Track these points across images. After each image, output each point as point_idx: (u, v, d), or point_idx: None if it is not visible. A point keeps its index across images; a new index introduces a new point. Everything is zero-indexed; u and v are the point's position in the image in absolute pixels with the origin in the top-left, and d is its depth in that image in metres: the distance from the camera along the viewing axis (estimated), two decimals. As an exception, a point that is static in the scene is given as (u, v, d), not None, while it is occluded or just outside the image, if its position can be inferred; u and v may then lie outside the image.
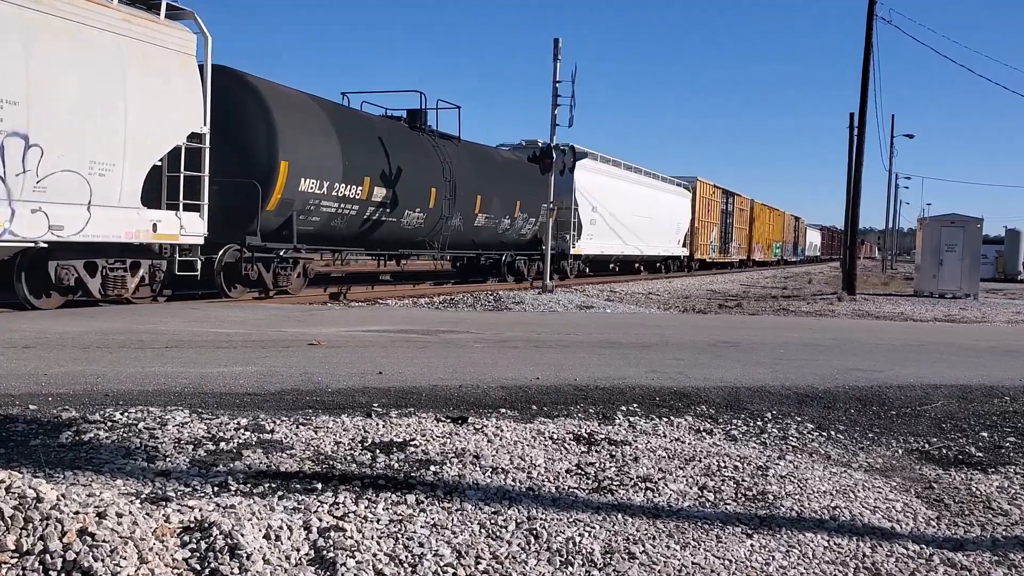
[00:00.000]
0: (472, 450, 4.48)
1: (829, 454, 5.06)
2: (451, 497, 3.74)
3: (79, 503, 2.81)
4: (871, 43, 24.59)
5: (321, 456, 4.29)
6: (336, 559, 2.93)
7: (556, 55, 20.10)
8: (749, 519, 3.71)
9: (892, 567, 3.28)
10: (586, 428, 5.20)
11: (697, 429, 5.45)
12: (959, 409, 6.23)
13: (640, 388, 6.30)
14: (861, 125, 25.72)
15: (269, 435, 4.61)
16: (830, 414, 5.99)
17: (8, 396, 5.22)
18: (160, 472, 3.93)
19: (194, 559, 2.75)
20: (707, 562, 3.20)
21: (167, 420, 4.81)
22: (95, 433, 4.51)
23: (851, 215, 27.75)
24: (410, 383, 6.10)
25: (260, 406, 5.36)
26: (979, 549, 3.53)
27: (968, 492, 4.39)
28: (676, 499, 3.92)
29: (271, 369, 6.48)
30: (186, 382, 5.81)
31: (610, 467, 4.36)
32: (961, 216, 26.52)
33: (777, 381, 6.75)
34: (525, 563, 3.09)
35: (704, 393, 6.25)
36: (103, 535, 2.65)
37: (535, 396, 5.97)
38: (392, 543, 3.15)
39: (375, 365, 6.81)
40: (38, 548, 2.56)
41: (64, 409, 5.02)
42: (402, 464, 4.20)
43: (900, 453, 5.19)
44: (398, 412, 5.37)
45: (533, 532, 3.37)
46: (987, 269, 39.82)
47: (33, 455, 4.12)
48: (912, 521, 3.85)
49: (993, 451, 5.28)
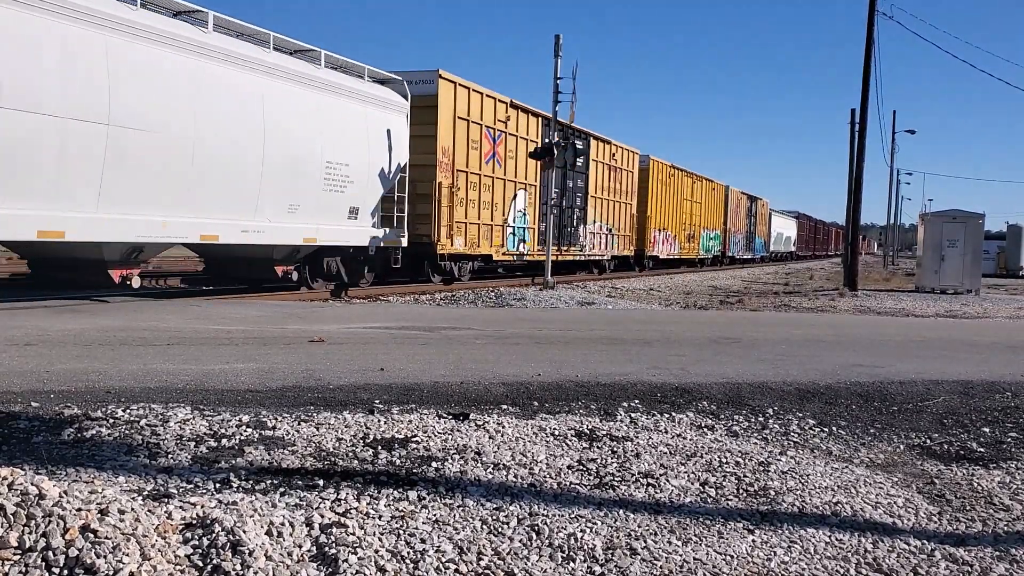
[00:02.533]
0: (474, 446, 4.48)
1: (831, 450, 5.06)
2: (453, 493, 3.74)
3: (81, 500, 2.81)
4: (872, 39, 24.56)
5: (323, 453, 4.29)
6: (338, 555, 2.93)
7: (557, 52, 20.06)
8: (751, 515, 3.71)
9: (894, 562, 3.28)
10: (587, 424, 5.20)
11: (699, 425, 5.45)
12: (961, 405, 6.22)
13: (642, 384, 6.30)
14: (863, 121, 25.72)
15: (271, 432, 4.62)
16: (832, 410, 5.99)
17: (10, 393, 5.22)
18: (162, 469, 3.94)
19: (196, 556, 2.75)
20: (709, 558, 3.20)
21: (169, 417, 4.82)
22: (97, 430, 4.52)
23: (853, 210, 27.72)
24: (412, 379, 6.10)
25: (262, 403, 5.37)
26: (981, 544, 3.53)
27: (970, 487, 4.39)
28: (678, 495, 3.92)
29: (273, 366, 6.48)
30: (188, 379, 5.82)
31: (611, 463, 4.36)
32: (963, 212, 26.48)
33: (779, 377, 6.75)
34: (527, 559, 3.10)
35: (706, 389, 6.25)
36: (105, 532, 2.66)
37: (536, 392, 5.97)
38: (394, 539, 3.15)
39: (376, 362, 6.82)
40: (41, 545, 2.57)
41: (66, 406, 5.03)
42: (404, 460, 4.20)
43: (902, 449, 5.19)
44: (400, 408, 5.37)
45: (535, 528, 3.37)
46: (989, 265, 39.82)
47: (35, 452, 4.12)
48: (914, 516, 3.85)
49: (995, 446, 5.28)
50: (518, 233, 21.88)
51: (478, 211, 19.66)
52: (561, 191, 23.91)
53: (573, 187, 25.18)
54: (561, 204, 24.11)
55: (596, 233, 27.42)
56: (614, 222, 29.05)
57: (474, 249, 19.61)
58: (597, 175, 27.02)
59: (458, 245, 18.89)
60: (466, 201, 19.06)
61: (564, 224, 24.68)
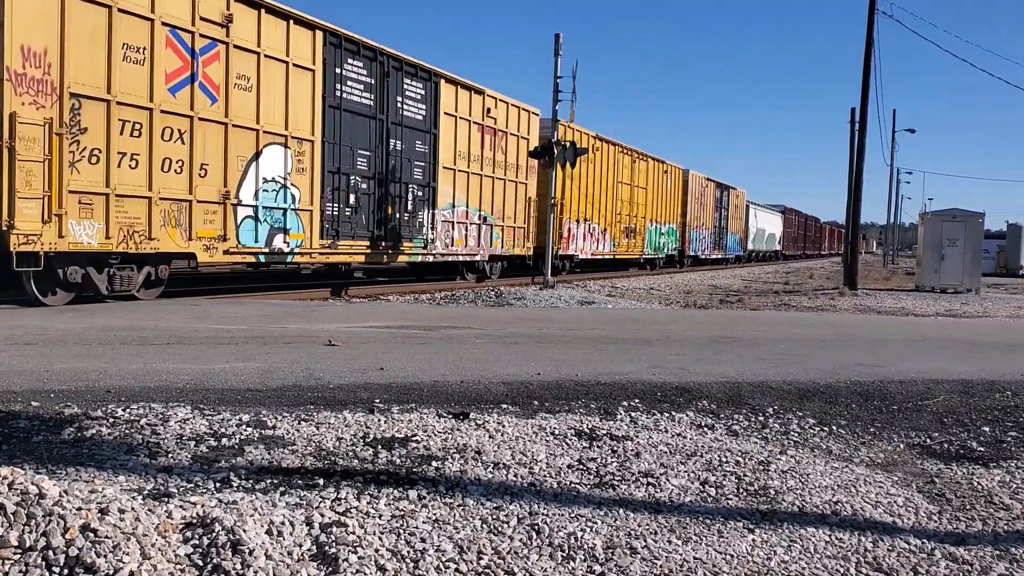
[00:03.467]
0: (474, 446, 4.48)
1: (831, 449, 5.06)
2: (453, 493, 3.74)
3: (81, 499, 2.81)
4: (872, 38, 24.56)
5: (323, 452, 4.29)
6: (338, 555, 2.93)
7: (557, 51, 20.05)
8: (751, 514, 3.71)
9: (894, 562, 3.28)
10: (588, 423, 5.20)
11: (699, 424, 5.45)
12: (961, 404, 6.23)
13: (642, 383, 6.30)
14: (863, 120, 25.73)
15: (271, 431, 4.62)
16: (832, 409, 5.99)
17: (10, 393, 5.22)
18: (162, 468, 3.94)
19: (196, 555, 2.76)
20: (709, 557, 3.21)
21: (169, 416, 4.82)
22: (97, 429, 4.52)
23: (853, 209, 27.73)
24: (411, 379, 6.10)
25: (262, 402, 5.37)
26: (981, 543, 3.53)
27: (970, 487, 4.40)
28: (678, 494, 3.92)
29: (273, 365, 6.48)
30: (188, 378, 5.82)
31: (612, 462, 4.36)
32: (963, 211, 26.49)
33: (779, 376, 6.75)
34: (527, 558, 3.10)
35: (706, 388, 6.25)
36: (105, 531, 2.66)
37: (536, 392, 5.98)
38: (394, 538, 3.15)
39: (376, 361, 6.82)
40: (41, 544, 2.57)
41: (66, 405, 5.03)
42: (404, 460, 4.20)
43: (902, 448, 5.19)
44: (400, 408, 5.37)
45: (535, 527, 3.38)
46: (989, 264, 39.83)
47: (35, 451, 4.13)
48: (914, 516, 3.85)
49: (995, 446, 5.28)
50: (269, 218, 13.52)
51: (148, 174, 11.21)
52: (383, 157, 16.04)
53: (405, 151, 16.80)
54: (381, 175, 16.10)
55: (458, 223, 19.10)
56: (496, 208, 20.64)
57: (136, 245, 11.14)
58: (458, 137, 18.74)
59: (82, 236, 10.38)
60: (106, 155, 10.58)
61: (386, 207, 16.27)
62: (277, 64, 13.48)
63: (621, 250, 29.48)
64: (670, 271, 35.04)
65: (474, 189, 19.60)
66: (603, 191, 27.07)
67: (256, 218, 13.26)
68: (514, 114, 21.32)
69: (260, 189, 13.25)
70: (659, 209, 33.35)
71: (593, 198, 26.23)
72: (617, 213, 28.57)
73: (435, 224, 18.11)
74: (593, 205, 26.32)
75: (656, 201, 32.82)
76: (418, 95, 17.22)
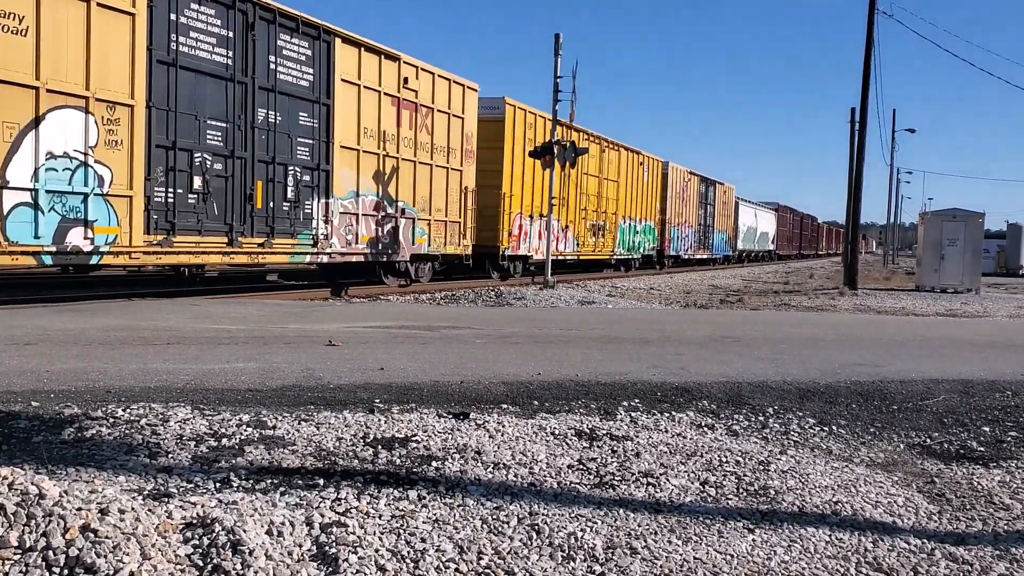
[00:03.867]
0: (474, 446, 4.48)
1: (831, 449, 5.06)
2: (453, 493, 3.74)
3: (81, 499, 2.81)
4: (872, 37, 24.56)
5: (323, 452, 4.29)
6: (338, 555, 2.93)
7: (557, 50, 20.04)
8: (751, 514, 3.71)
9: (894, 561, 3.28)
10: (588, 423, 5.20)
11: (699, 424, 5.45)
12: (961, 403, 6.22)
13: (642, 383, 6.30)
14: (863, 120, 25.75)
15: (271, 431, 4.62)
16: (832, 409, 5.99)
17: (10, 393, 5.22)
18: (162, 468, 3.94)
19: (196, 555, 2.75)
20: (709, 557, 3.21)
21: (169, 416, 4.82)
22: (97, 430, 4.52)
23: (853, 209, 27.73)
24: (411, 379, 6.10)
25: (262, 402, 5.37)
26: (981, 543, 3.53)
27: (970, 486, 4.40)
28: (678, 494, 3.92)
29: (273, 365, 6.48)
30: (188, 378, 5.82)
31: (612, 462, 4.36)
32: (963, 211, 26.50)
33: (779, 376, 6.75)
34: (527, 558, 3.10)
35: (706, 388, 6.25)
36: (106, 531, 2.66)
37: (536, 392, 5.97)
38: (394, 538, 3.15)
39: (376, 361, 6.82)
40: (41, 544, 2.57)
41: (66, 406, 5.03)
42: (404, 460, 4.20)
43: (902, 448, 5.19)
44: (400, 408, 5.37)
45: (535, 527, 3.38)
46: (989, 264, 39.85)
47: (35, 452, 4.12)
48: (914, 516, 3.85)
49: (995, 445, 5.28)
50: (59, 206, 10.22)
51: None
52: (246, 131, 12.67)
53: (283, 125, 13.44)
54: (244, 154, 12.71)
55: (365, 215, 15.59)
56: (419, 199, 17.16)
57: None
58: (363, 111, 15.27)
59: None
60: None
61: (253, 195, 12.93)
62: (71, 3, 10.06)
63: (587, 250, 26.31)
64: (670, 271, 34.94)
65: (388, 175, 16.03)
66: (565, 183, 23.47)
67: (36, 206, 9.88)
68: (443, 87, 17.57)
69: (42, 167, 9.91)
70: (634, 204, 30.29)
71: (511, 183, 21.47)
72: (582, 208, 25.49)
73: (330, 216, 14.48)
74: (509, 192, 21.46)
75: (630, 196, 29.78)
76: (301, 56, 13.72)
